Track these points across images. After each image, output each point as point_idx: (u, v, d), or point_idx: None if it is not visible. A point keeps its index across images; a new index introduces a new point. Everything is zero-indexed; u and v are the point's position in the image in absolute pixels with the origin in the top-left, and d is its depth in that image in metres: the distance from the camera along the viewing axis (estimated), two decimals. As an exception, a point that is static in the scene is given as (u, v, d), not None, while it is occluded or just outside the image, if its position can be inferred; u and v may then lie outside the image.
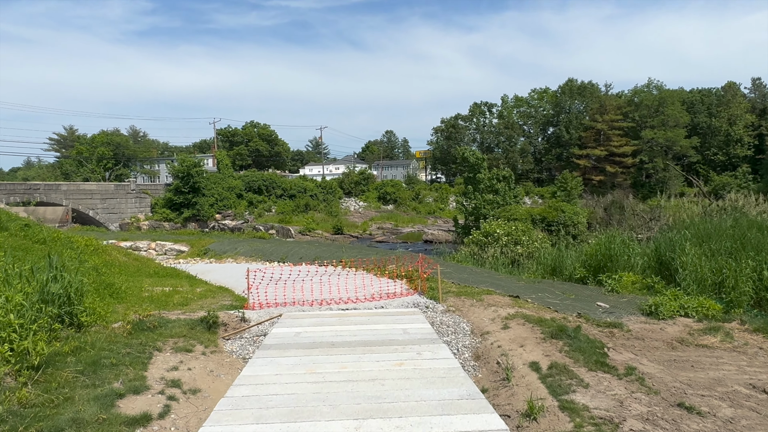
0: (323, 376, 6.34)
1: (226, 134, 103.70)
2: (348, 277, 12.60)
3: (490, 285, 11.92)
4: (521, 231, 23.83)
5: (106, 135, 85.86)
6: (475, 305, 10.10)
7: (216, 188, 60.48)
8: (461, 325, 9.23)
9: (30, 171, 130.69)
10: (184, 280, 12.59)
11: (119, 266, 12.58)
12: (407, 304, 10.34)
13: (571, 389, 6.40)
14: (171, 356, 7.52)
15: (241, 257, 20.61)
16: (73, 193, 53.74)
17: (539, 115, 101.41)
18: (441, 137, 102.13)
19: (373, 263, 14.61)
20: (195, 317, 8.98)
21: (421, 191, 77.18)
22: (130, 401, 6.00)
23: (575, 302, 10.48)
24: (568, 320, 9.01)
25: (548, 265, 14.53)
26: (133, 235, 29.76)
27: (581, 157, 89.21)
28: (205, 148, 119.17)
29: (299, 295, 10.97)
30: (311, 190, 65.65)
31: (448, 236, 50.04)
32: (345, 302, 10.48)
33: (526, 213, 39.11)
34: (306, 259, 18.41)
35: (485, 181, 41.68)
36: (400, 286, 11.71)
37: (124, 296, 10.06)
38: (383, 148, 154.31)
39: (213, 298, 10.80)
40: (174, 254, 24.65)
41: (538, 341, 8.02)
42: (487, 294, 10.88)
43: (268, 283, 11.16)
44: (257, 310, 9.78)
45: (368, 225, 58.69)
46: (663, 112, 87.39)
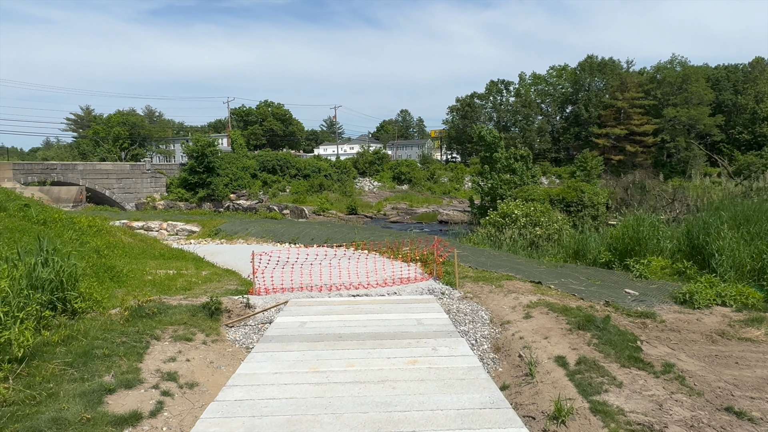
0: (327, 376, 5.75)
1: (241, 114, 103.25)
2: (360, 261, 12.04)
3: (510, 269, 11.27)
4: (540, 212, 23.04)
5: (121, 115, 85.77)
6: (494, 292, 9.48)
7: (230, 168, 60.19)
8: (479, 313, 8.63)
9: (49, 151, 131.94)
10: (190, 263, 12.14)
11: (123, 248, 12.15)
12: (422, 290, 9.75)
13: (603, 388, 5.79)
14: (169, 346, 7.04)
15: (252, 238, 20.16)
16: (89, 173, 53.83)
17: (557, 93, 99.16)
18: (456, 116, 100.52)
19: (386, 246, 14.04)
20: (197, 303, 8.50)
21: (436, 171, 76.16)
22: (120, 397, 5.53)
23: (601, 289, 9.81)
24: (595, 309, 8.36)
25: (571, 248, 13.80)
26: (146, 215, 29.52)
27: (600, 136, 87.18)
28: (219, 128, 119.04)
29: (308, 280, 10.46)
30: (325, 170, 65.09)
31: (464, 217, 49.28)
32: (356, 287, 9.93)
33: (544, 193, 38.16)
34: (317, 240, 17.90)
35: (502, 160, 40.71)
36: (415, 270, 11.13)
37: (126, 280, 9.62)
38: (398, 127, 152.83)
39: (218, 282, 10.33)
40: (185, 234, 24.34)
41: (564, 332, 7.40)
42: (507, 279, 10.25)
43: (274, 267, 10.65)
44: (263, 296, 9.29)
45: (382, 205, 58.07)
46: (686, 89, 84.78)
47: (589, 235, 13.87)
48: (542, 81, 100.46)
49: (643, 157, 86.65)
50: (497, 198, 39.98)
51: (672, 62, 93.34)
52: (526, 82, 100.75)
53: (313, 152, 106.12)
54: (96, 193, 54.39)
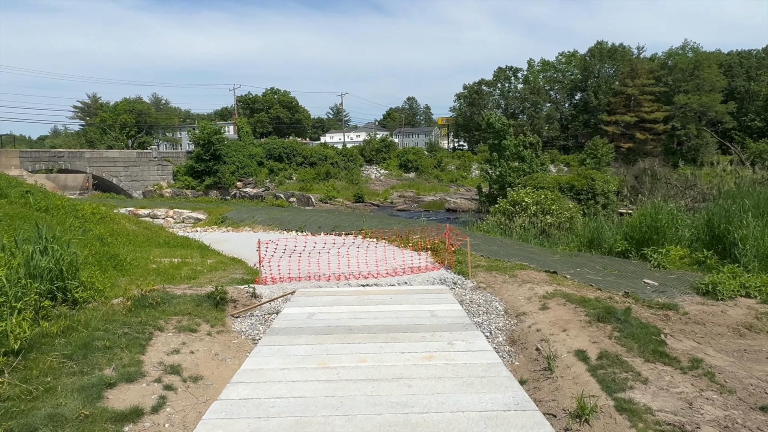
0: (338, 373, 5.42)
1: (247, 101, 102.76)
2: (368, 249, 11.76)
3: (523, 258, 10.95)
4: (551, 200, 22.66)
5: (128, 103, 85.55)
6: (508, 282, 9.17)
7: (237, 156, 60.00)
8: (494, 304, 8.33)
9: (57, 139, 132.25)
10: (195, 251, 11.89)
11: (127, 236, 11.90)
12: (433, 280, 9.45)
13: (628, 385, 5.48)
14: (173, 337, 6.80)
15: (259, 226, 19.92)
16: (96, 160, 53.83)
17: (566, 80, 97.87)
18: (464, 103, 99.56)
19: (395, 234, 13.74)
20: (202, 292, 8.25)
21: (443, 159, 75.64)
22: (120, 392, 5.29)
23: (619, 279, 9.47)
24: (614, 300, 8.04)
25: (585, 237, 13.44)
26: (152, 202, 29.36)
27: (610, 124, 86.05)
28: (226, 116, 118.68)
29: (315, 269, 10.18)
30: (332, 158, 64.74)
31: (471, 205, 48.96)
32: (365, 277, 9.65)
33: (554, 181, 37.68)
34: (325, 228, 17.63)
35: (511, 147, 40.22)
36: (425, 259, 10.83)
37: (129, 268, 9.39)
38: (405, 115, 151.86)
39: (224, 271, 10.08)
40: (192, 222, 24.16)
41: (583, 325, 7.09)
42: (521, 269, 9.93)
43: (281, 256, 10.38)
44: (269, 285, 9.02)
45: (389, 193, 57.77)
46: (698, 75, 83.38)
47: (604, 223, 13.50)
48: (551, 67, 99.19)
49: (653, 144, 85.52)
50: (506, 186, 39.55)
51: (684, 48, 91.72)
52: (534, 69, 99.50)
53: (319, 140, 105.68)
54: (103, 181, 54.41)
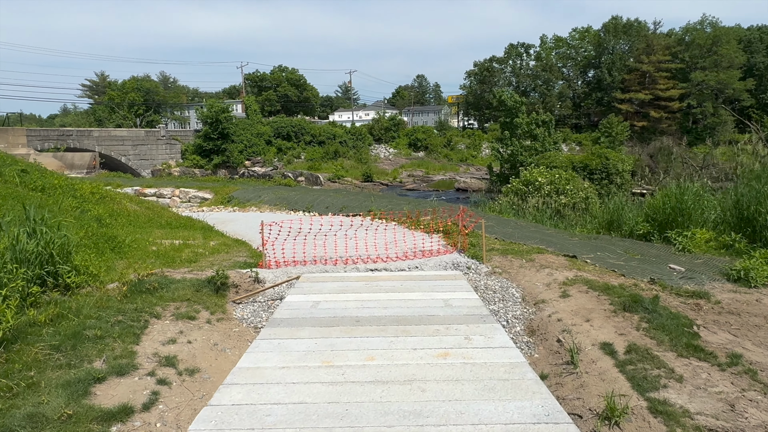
0: (343, 373, 4.88)
1: (255, 79, 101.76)
2: (378, 231, 11.27)
3: (540, 241, 10.43)
4: (565, 179, 21.99)
5: (136, 81, 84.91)
6: (525, 266, 8.68)
7: (245, 134, 59.47)
8: (510, 290, 7.86)
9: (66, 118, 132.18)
10: (198, 232, 11.48)
11: (128, 216, 11.49)
12: (446, 265, 8.97)
13: (661, 383, 5.01)
14: (170, 325, 6.41)
15: (265, 206, 19.51)
16: (104, 139, 53.53)
17: (580, 57, 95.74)
18: (474, 81, 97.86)
19: (405, 215, 13.25)
20: (203, 277, 7.84)
21: (452, 138, 74.55)
22: (110, 387, 4.90)
23: (643, 264, 8.95)
24: (640, 287, 7.53)
25: (604, 218, 12.86)
26: (159, 181, 29.03)
27: (623, 102, 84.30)
28: (234, 94, 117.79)
29: (321, 252, 9.72)
30: (340, 137, 64.00)
31: (481, 184, 48.23)
32: (374, 261, 9.20)
33: (567, 160, 36.84)
34: (333, 209, 17.17)
35: (523, 126, 39.33)
36: (437, 242, 10.33)
37: (128, 251, 9.00)
38: (414, 93, 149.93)
39: (227, 254, 9.66)
40: (198, 202, 23.81)
41: (608, 314, 6.61)
42: (538, 253, 9.42)
43: (286, 238, 9.90)
44: (273, 270, 8.59)
45: (398, 172, 57.07)
46: (716, 51, 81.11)
47: (624, 204, 12.89)
48: (564, 44, 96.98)
49: (667, 123, 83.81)
50: (517, 165, 38.80)
51: (702, 23, 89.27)
52: (547, 45, 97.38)
53: (327, 119, 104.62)
54: (112, 160, 54.18)
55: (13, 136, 40.40)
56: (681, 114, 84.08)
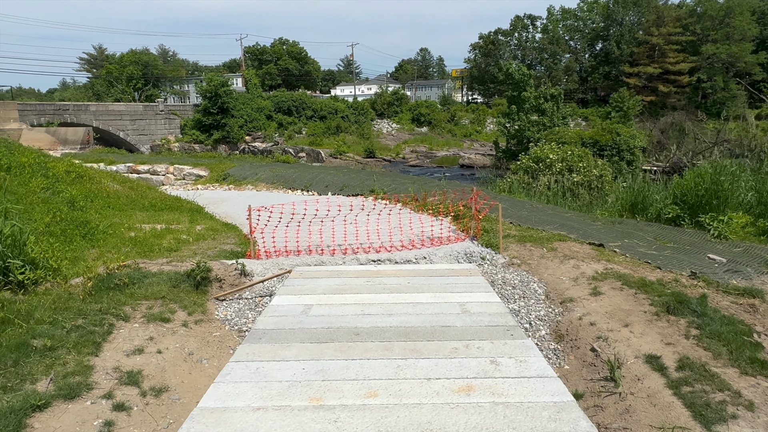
0: (336, 418, 3.74)
1: (255, 52, 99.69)
2: (380, 214, 10.21)
3: (560, 227, 9.45)
4: (578, 156, 20.90)
5: (134, 54, 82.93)
6: (547, 257, 7.71)
7: (245, 109, 58.10)
8: (532, 286, 6.91)
9: (66, 92, 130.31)
10: (185, 215, 10.52)
11: (107, 197, 10.48)
12: (458, 255, 7.99)
13: (728, 412, 4.10)
14: (139, 329, 5.50)
15: (262, 184, 18.50)
16: (102, 114, 52.35)
17: (588, 29, 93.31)
18: (479, 54, 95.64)
19: (411, 196, 12.25)
20: (182, 269, 6.90)
21: (456, 113, 72.96)
22: (53, 416, 4.00)
23: (678, 254, 7.98)
24: (681, 283, 6.57)
25: (626, 200, 11.85)
26: (153, 158, 28.01)
27: (631, 76, 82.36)
28: (234, 68, 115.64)
29: (318, 239, 8.74)
30: (342, 111, 62.54)
31: (486, 161, 47.06)
32: (376, 250, 8.22)
33: (576, 136, 35.55)
34: (332, 187, 16.17)
35: (531, 100, 37.95)
36: (447, 228, 9.31)
37: (102, 238, 8.07)
38: (417, 67, 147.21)
39: (213, 240, 8.71)
40: (192, 179, 22.81)
41: (649, 318, 5.67)
42: (560, 240, 8.44)
43: (277, 224, 8.83)
44: (263, 261, 7.63)
45: (401, 148, 55.82)
46: (729, 23, 78.78)
47: (650, 185, 11.86)
48: (572, 15, 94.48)
49: (676, 98, 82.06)
50: (524, 141, 37.62)
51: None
52: (554, 17, 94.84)
53: (329, 93, 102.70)
54: (110, 135, 53.05)
55: (4, 110, 39.20)
56: (690, 88, 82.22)
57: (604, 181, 20.54)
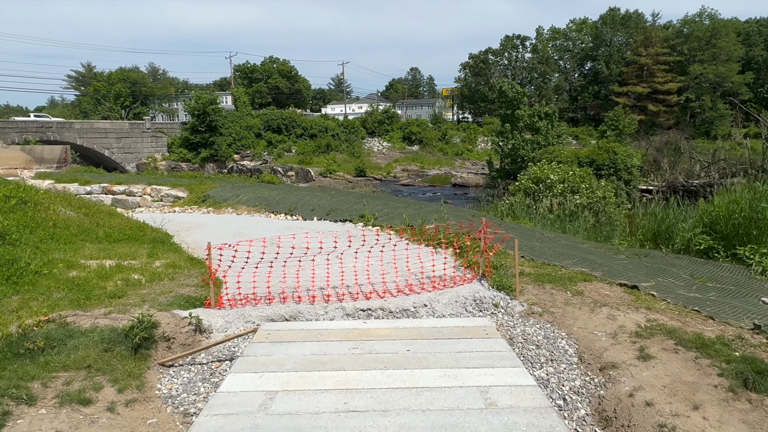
0: None
1: (245, 70, 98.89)
2: (371, 244, 8.72)
3: (580, 261, 8.13)
4: (579, 177, 19.78)
5: (123, 72, 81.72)
6: (573, 303, 6.38)
7: (234, 127, 56.88)
8: (559, 343, 5.56)
9: (54, 110, 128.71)
10: (145, 247, 9.05)
11: (53, 227, 8.98)
12: (465, 302, 6.59)
13: None
14: (45, 419, 4.07)
15: (243, 207, 17.11)
16: (86, 131, 50.91)
17: (577, 49, 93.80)
18: (469, 74, 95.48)
19: (405, 222, 10.93)
20: (121, 325, 5.47)
21: (447, 131, 72.25)
22: None
23: (724, 296, 6.69)
24: (747, 341, 5.26)
25: (648, 228, 10.59)
26: (130, 177, 26.53)
27: (621, 95, 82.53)
28: (224, 86, 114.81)
29: (294, 281, 7.25)
30: (333, 130, 61.49)
31: (479, 180, 46.01)
32: (366, 296, 6.70)
33: (572, 155, 34.63)
34: (319, 211, 14.80)
35: (525, 118, 37.08)
36: (451, 265, 7.81)
37: (32, 280, 6.64)
38: (408, 86, 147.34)
39: (171, 281, 7.29)
40: (171, 201, 21.38)
41: (723, 396, 4.34)
42: (585, 281, 7.11)
43: (245, 263, 6.88)
44: (225, 311, 6.20)
45: (392, 167, 54.77)
46: (715, 44, 79.49)
47: (675, 212, 10.62)
48: (561, 35, 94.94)
49: (665, 117, 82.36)
50: (519, 160, 36.70)
51: (701, 15, 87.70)
52: (543, 37, 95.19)
53: (320, 111, 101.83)
54: (95, 154, 51.56)
55: (-21, 128, 37.53)
56: (679, 108, 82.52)
57: (608, 203, 19.43)
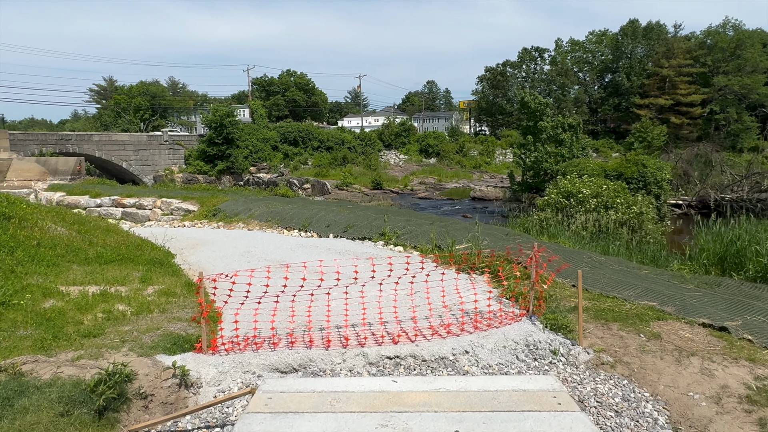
0: None
1: (263, 84, 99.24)
2: (396, 269, 7.20)
3: (644, 293, 6.85)
4: (614, 192, 18.46)
5: (143, 85, 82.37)
6: (651, 350, 5.13)
7: (250, 139, 56.48)
8: (644, 408, 4.32)
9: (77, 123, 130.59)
10: (139, 269, 7.96)
11: (38, 246, 7.90)
12: (515, 347, 5.30)
13: None
14: None
15: (255, 222, 16.09)
16: (105, 143, 50.86)
17: (596, 61, 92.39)
18: (486, 86, 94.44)
19: (432, 243, 9.74)
20: (89, 374, 4.36)
21: (465, 144, 71.06)
22: None
23: (836, 341, 5.39)
24: None
25: (714, 251, 9.28)
26: (143, 190, 25.74)
27: (642, 107, 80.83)
28: (242, 99, 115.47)
29: (305, 317, 6.00)
30: (349, 142, 60.73)
31: (498, 193, 44.65)
32: (394, 340, 5.46)
33: (598, 167, 33.21)
34: (335, 228, 13.70)
35: (548, 129, 35.77)
36: (488, 294, 6.49)
37: (1, 312, 5.61)
38: (424, 99, 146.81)
39: (162, 313, 6.18)
40: (181, 215, 20.50)
41: None
42: (658, 319, 5.85)
43: (246, 297, 5.65)
44: (219, 357, 4.99)
45: (409, 179, 53.69)
46: (740, 55, 77.62)
47: (748, 233, 9.31)
48: (580, 47, 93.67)
49: (689, 129, 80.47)
50: (542, 173, 35.37)
51: (725, 26, 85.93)
52: (562, 49, 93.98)
53: (336, 124, 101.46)
54: (113, 166, 51.53)
55: (-6, 139, 37.37)
56: (703, 120, 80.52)
57: (645, 219, 18.07)
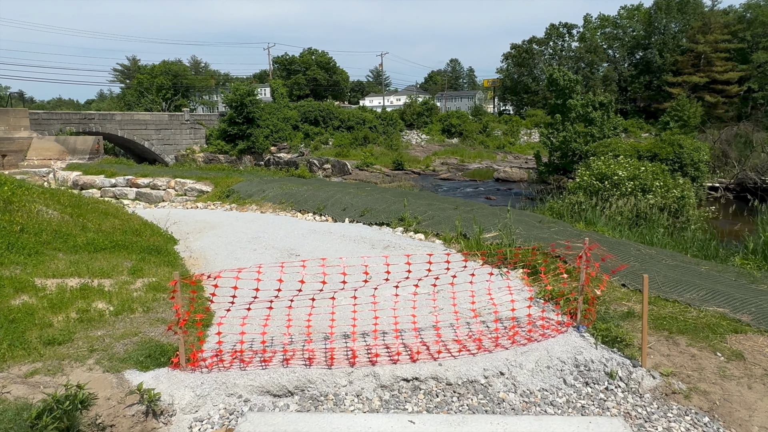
0: None
1: (284, 62, 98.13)
2: (413, 260, 5.88)
3: (708, 293, 5.77)
4: (652, 174, 17.16)
5: (165, 65, 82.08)
6: (733, 374, 4.14)
7: (271, 119, 55.72)
8: (737, 458, 3.38)
9: (102, 103, 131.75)
10: (132, 257, 7.17)
11: (20, 231, 7.05)
12: (562, 367, 4.19)
13: None
14: None
15: (268, 204, 15.30)
16: (127, 123, 50.83)
17: (627, 37, 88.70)
18: (512, 64, 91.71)
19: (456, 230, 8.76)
20: (40, 397, 3.57)
21: (489, 123, 69.14)
22: None
23: None
24: None
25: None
26: (157, 170, 25.14)
27: (674, 85, 77.50)
28: (263, 78, 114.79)
29: (304, 325, 4.84)
30: (370, 122, 59.54)
31: (523, 174, 43.17)
32: (412, 357, 4.46)
33: (631, 148, 31.58)
34: (351, 211, 12.80)
35: (578, 108, 34.12)
36: (528, 297, 5.42)
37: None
38: (447, 78, 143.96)
39: (145, 313, 5.36)
40: (195, 195, 19.87)
41: None
42: (735, 331, 4.81)
43: (231, 303, 4.76)
44: (199, 375, 4.03)
45: (431, 160, 52.44)
46: (781, 30, 73.70)
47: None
48: (610, 23, 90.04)
49: (724, 108, 77.09)
50: (570, 153, 33.83)
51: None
52: (591, 25, 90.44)
53: (358, 104, 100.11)
54: (135, 145, 51.57)
55: (15, 118, 37.21)
56: (739, 99, 77.05)
57: (686, 204, 16.76)
